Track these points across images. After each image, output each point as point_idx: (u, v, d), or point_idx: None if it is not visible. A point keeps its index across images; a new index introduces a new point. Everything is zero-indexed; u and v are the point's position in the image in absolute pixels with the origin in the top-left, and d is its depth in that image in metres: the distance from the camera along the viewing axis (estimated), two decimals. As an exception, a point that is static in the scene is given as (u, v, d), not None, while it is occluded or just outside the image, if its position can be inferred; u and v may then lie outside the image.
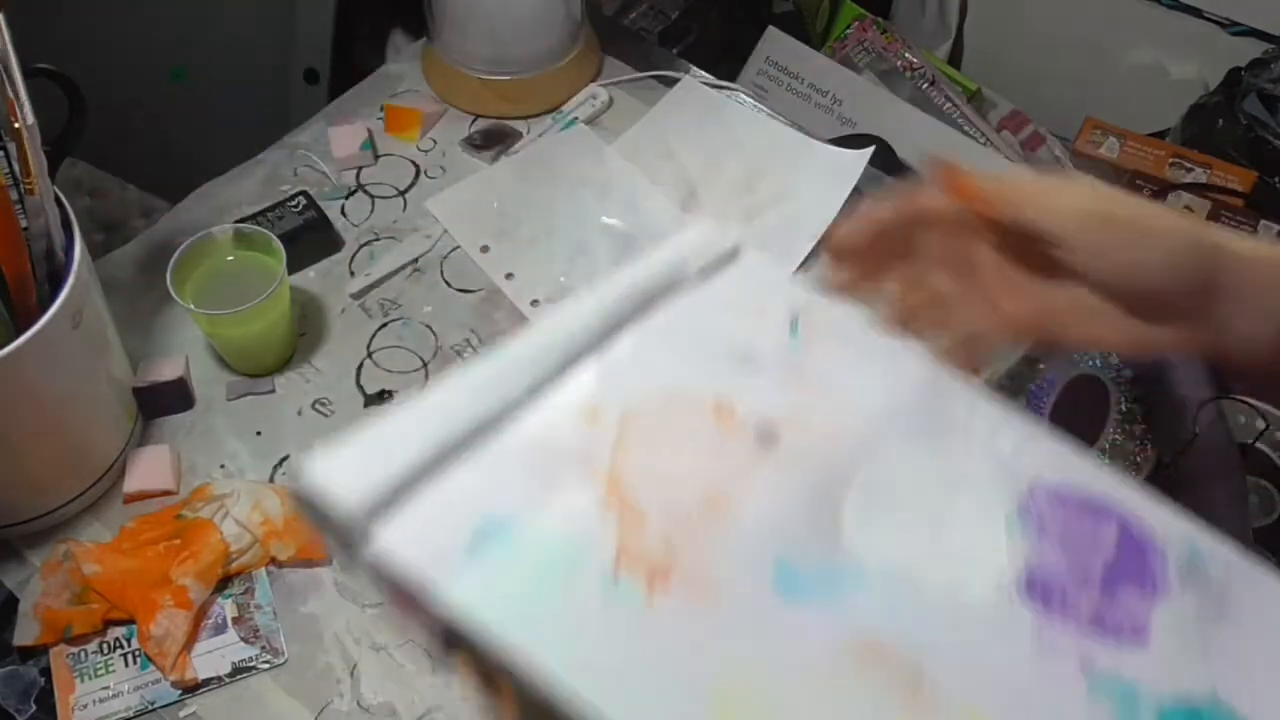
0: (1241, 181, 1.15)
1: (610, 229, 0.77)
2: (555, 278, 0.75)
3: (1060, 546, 0.31)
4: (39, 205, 0.57)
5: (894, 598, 0.29)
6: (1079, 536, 0.31)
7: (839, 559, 0.29)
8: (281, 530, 0.63)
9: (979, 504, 0.31)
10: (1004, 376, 0.71)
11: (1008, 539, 0.31)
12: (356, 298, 0.76)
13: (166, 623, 0.60)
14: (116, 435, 0.66)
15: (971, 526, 0.31)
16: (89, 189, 1.12)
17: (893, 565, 0.29)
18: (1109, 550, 0.31)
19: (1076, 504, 0.32)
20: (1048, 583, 0.30)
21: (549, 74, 0.84)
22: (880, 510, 0.31)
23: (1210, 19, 1.19)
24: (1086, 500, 0.32)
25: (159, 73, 1.04)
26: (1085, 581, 0.30)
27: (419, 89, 0.87)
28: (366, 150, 0.82)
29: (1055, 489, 0.32)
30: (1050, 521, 0.31)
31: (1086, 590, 0.30)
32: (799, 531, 0.29)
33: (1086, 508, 0.32)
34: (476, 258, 0.77)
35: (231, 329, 0.68)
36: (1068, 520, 0.31)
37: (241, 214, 0.78)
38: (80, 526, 0.65)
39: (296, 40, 0.99)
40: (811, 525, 0.30)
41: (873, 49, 1.24)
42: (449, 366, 0.72)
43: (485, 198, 0.80)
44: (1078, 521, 0.31)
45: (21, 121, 0.55)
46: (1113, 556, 0.31)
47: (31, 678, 0.61)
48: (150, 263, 0.76)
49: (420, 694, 0.60)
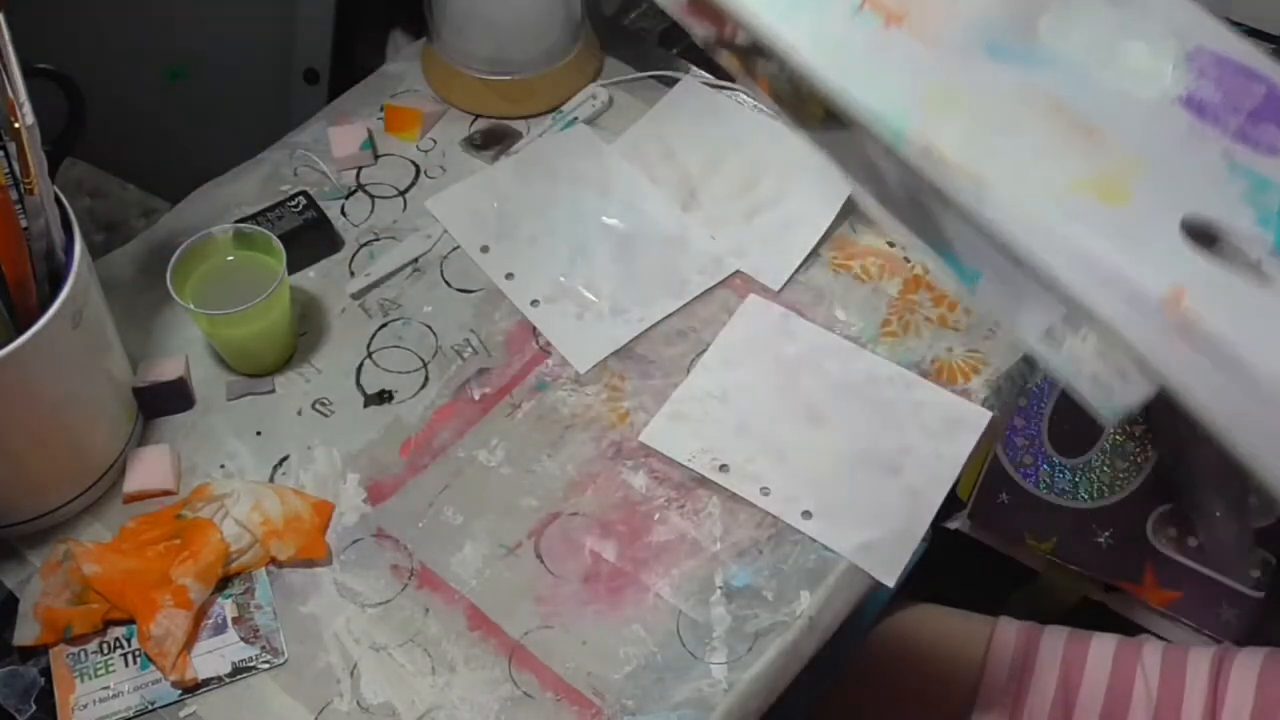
0: (1241, 181, 1.15)
1: (610, 229, 0.78)
2: (555, 278, 0.76)
3: (1216, 86, 0.37)
4: (39, 205, 0.57)
5: (1077, 81, 0.37)
6: (1233, 85, 0.38)
7: (1037, 47, 0.37)
8: (281, 530, 0.64)
9: (1150, 45, 0.38)
10: (1004, 377, 0.71)
11: (1173, 71, 0.37)
12: (356, 298, 0.76)
13: (166, 623, 0.60)
14: (116, 435, 0.66)
15: (1143, 57, 0.38)
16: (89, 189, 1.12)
17: (1077, 61, 0.37)
18: (1258, 99, 0.38)
19: (1234, 66, 0.38)
20: (1203, 102, 0.37)
21: (549, 74, 0.84)
22: (1071, 24, 0.38)
23: (1210, 19, 1.19)
24: (1242, 66, 0.38)
25: (159, 73, 1.04)
26: (1235, 110, 0.37)
27: (419, 89, 0.87)
28: (366, 150, 0.82)
29: (1217, 52, 0.38)
30: (1210, 70, 0.38)
31: (1234, 116, 0.37)
32: (1007, 24, 0.37)
33: (1241, 70, 0.38)
34: (476, 257, 0.77)
35: (231, 329, 0.68)
36: (1224, 73, 0.38)
37: (241, 214, 0.78)
38: (80, 526, 0.65)
39: (296, 40, 0.99)
40: (1016, 20, 0.37)
41: (873, 49, 1.24)
42: (449, 367, 0.72)
43: (485, 198, 0.80)
44: (1233, 76, 0.38)
45: (21, 121, 0.55)
46: (1260, 104, 0.37)
47: (31, 678, 0.61)
48: (150, 263, 0.76)
49: (420, 694, 0.60)
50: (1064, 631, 0.84)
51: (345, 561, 0.65)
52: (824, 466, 0.68)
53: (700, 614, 0.63)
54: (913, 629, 0.87)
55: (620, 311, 0.74)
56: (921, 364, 0.72)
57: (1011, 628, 0.85)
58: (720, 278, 0.76)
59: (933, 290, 0.75)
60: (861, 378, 0.71)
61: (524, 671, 0.61)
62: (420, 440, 0.69)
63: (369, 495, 0.67)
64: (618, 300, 0.74)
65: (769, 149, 0.81)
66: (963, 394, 0.70)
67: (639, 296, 0.75)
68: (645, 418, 0.70)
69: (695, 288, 0.75)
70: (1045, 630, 0.84)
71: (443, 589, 0.64)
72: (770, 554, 0.65)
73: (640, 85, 0.87)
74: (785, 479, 0.67)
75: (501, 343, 0.73)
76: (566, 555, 0.65)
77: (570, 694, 0.60)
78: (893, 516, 0.66)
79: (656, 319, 0.74)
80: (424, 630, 0.62)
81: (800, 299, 0.75)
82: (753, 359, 0.72)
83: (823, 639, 0.63)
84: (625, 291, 0.75)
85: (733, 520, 0.66)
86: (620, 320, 0.74)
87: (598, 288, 0.75)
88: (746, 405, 0.70)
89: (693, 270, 0.76)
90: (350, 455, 0.69)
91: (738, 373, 0.71)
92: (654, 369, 0.72)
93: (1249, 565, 0.94)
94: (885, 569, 0.64)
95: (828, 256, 0.77)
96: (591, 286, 0.75)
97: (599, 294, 0.75)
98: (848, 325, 0.74)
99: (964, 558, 1.00)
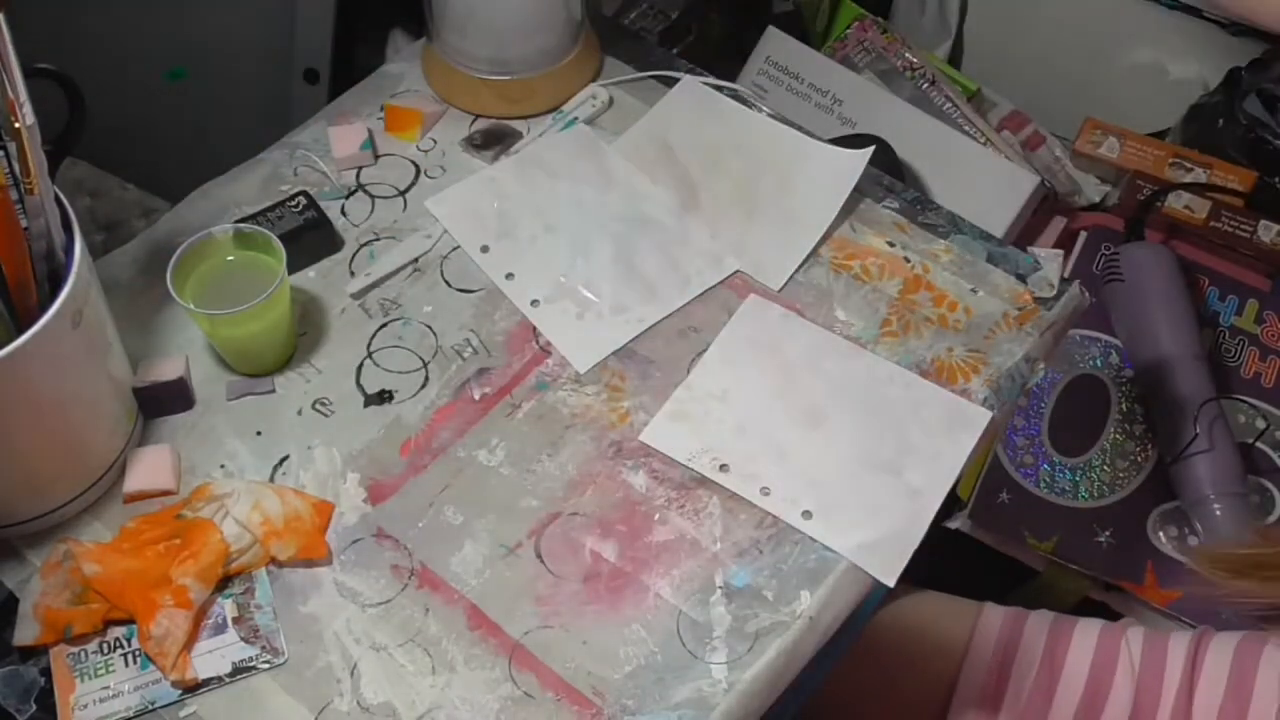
0: (1241, 181, 1.15)
1: (610, 229, 0.78)
2: (555, 277, 0.76)
3: None
4: (39, 205, 0.57)
5: None
6: None
7: None
8: (281, 530, 0.64)
9: None
10: (1004, 377, 0.72)
11: None
12: (356, 298, 0.76)
13: (166, 623, 0.60)
14: (116, 435, 0.66)
15: None
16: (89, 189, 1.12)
17: None
18: None
19: None
20: None
21: (549, 74, 0.84)
22: None
23: (1210, 19, 1.19)
24: None
25: (159, 73, 1.04)
26: None
27: (419, 89, 0.87)
28: (366, 150, 0.82)
29: None
30: None
31: None
32: None
33: None
34: (476, 257, 0.77)
35: (231, 329, 0.68)
36: None
37: (241, 214, 0.78)
38: (80, 526, 0.65)
39: (296, 40, 0.99)
40: None
41: (873, 49, 1.24)
42: (449, 367, 0.72)
43: (485, 197, 0.80)
44: None
45: (21, 121, 0.55)
46: None
47: (31, 678, 0.61)
48: (150, 263, 0.76)
49: (420, 694, 0.60)
50: (1049, 616, 0.85)
51: (345, 561, 0.65)
52: (824, 466, 0.68)
53: (700, 614, 0.63)
54: (898, 613, 0.87)
55: (620, 311, 0.74)
56: (921, 364, 0.72)
57: (997, 612, 0.85)
58: (720, 277, 0.76)
59: (933, 290, 0.75)
60: (862, 377, 0.71)
61: (524, 671, 0.61)
62: (420, 440, 0.69)
63: (369, 495, 0.67)
64: (618, 300, 0.74)
65: (769, 149, 0.81)
66: (963, 394, 0.70)
67: (639, 296, 0.75)
68: (645, 417, 0.70)
69: (695, 287, 0.75)
70: (1031, 615, 0.85)
71: (443, 589, 0.64)
72: (770, 554, 0.65)
73: (640, 85, 0.87)
74: (785, 479, 0.67)
75: (501, 343, 0.73)
76: (567, 555, 0.65)
77: (570, 694, 0.60)
78: (893, 516, 0.66)
79: (657, 318, 0.74)
80: (424, 630, 0.62)
81: (800, 299, 0.75)
82: (753, 358, 0.72)
83: (823, 639, 0.63)
84: (625, 291, 0.75)
85: (733, 520, 0.66)
86: (620, 320, 0.74)
87: (598, 287, 0.75)
88: (747, 405, 0.70)
89: (692, 270, 0.76)
90: (350, 455, 0.69)
91: (738, 372, 0.71)
92: (654, 369, 0.72)
93: (1249, 565, 0.94)
94: (885, 569, 0.64)
95: (828, 256, 0.77)
96: (592, 286, 0.75)
97: (599, 294, 0.75)
98: (848, 325, 0.74)
99: (964, 558, 1.00)
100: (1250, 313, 1.05)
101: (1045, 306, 0.75)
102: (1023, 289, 0.75)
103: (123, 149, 1.06)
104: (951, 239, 0.78)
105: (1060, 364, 1.04)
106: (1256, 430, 1.00)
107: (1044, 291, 0.75)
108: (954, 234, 0.78)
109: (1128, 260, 1.05)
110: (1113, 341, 1.04)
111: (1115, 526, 0.97)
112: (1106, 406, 1.02)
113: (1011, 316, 0.74)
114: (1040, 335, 0.73)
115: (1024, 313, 0.74)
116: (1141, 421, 1.00)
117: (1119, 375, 1.03)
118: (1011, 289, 0.75)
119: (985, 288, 0.76)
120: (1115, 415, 1.01)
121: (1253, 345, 1.03)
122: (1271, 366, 1.03)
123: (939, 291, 0.75)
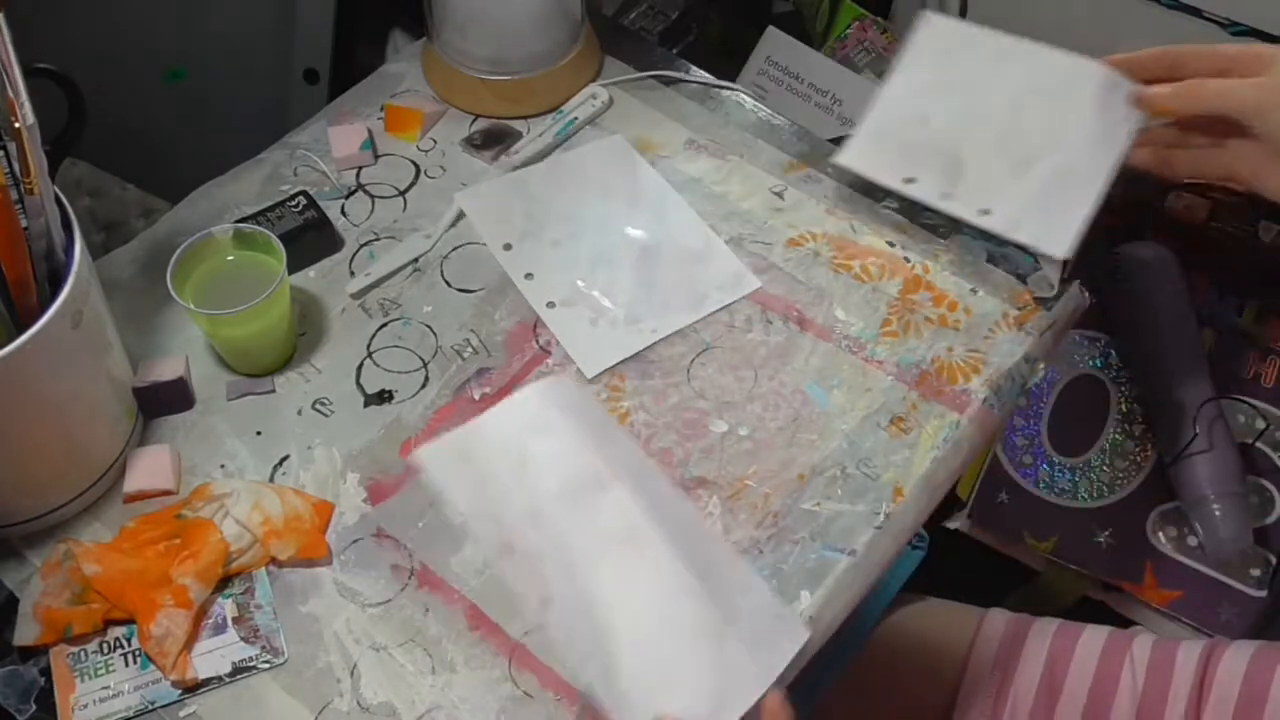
0: (1241, 181, 1.15)
1: (634, 239, 0.77)
2: (574, 281, 0.76)
3: None
4: (39, 205, 0.57)
5: None
6: None
7: None
8: (281, 530, 0.64)
9: None
10: (1004, 376, 0.72)
11: None
12: (356, 298, 0.76)
13: (166, 622, 0.60)
14: (116, 435, 0.66)
15: None
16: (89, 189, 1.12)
17: None
18: None
19: None
20: None
21: (549, 74, 0.84)
22: None
23: (1210, 19, 1.18)
24: None
25: (159, 73, 1.04)
26: None
27: (419, 89, 0.87)
28: (366, 150, 0.82)
29: None
30: None
31: None
32: None
33: None
34: (498, 254, 0.77)
35: (231, 329, 0.68)
36: None
37: (241, 214, 0.78)
38: (80, 526, 0.65)
39: (296, 40, 0.99)
40: None
41: (873, 49, 1.24)
42: (449, 366, 0.72)
43: (515, 197, 0.80)
44: None
45: (21, 121, 0.55)
46: None
47: (31, 678, 0.61)
48: (150, 263, 0.76)
49: (420, 694, 0.60)
50: (1054, 622, 0.84)
51: (345, 561, 0.65)
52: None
53: (700, 614, 0.63)
54: (900, 622, 0.87)
55: (634, 321, 0.74)
56: (922, 364, 0.72)
57: (1001, 618, 0.85)
58: (740, 295, 0.75)
59: (933, 290, 0.75)
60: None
61: (524, 671, 0.61)
62: (421, 440, 0.69)
63: (369, 495, 0.67)
64: (633, 309, 0.74)
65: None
66: (962, 394, 0.71)
67: (654, 308, 0.75)
68: (645, 417, 0.70)
69: (713, 303, 0.75)
70: (1035, 621, 0.85)
71: (443, 589, 0.64)
72: (770, 554, 0.65)
73: (640, 85, 0.87)
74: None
75: (501, 343, 0.73)
76: (566, 555, 0.65)
77: (571, 694, 0.60)
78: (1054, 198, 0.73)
79: (669, 331, 0.74)
80: (424, 630, 0.62)
81: (800, 299, 0.75)
82: (955, 77, 0.79)
83: (823, 639, 0.63)
84: (642, 302, 0.75)
85: (733, 520, 0.66)
86: (634, 329, 0.74)
87: (615, 295, 0.75)
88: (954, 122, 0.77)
89: (712, 286, 0.76)
90: (350, 455, 0.69)
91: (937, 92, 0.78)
92: (654, 369, 0.72)
93: (1249, 565, 0.94)
94: (1056, 243, 0.72)
95: (828, 256, 0.77)
96: (609, 294, 0.75)
97: (615, 301, 0.75)
98: (848, 325, 0.74)
99: (964, 558, 1.00)
100: (1250, 313, 1.05)
101: (1045, 306, 0.75)
102: (1023, 289, 0.75)
103: (123, 149, 1.06)
104: (951, 239, 0.78)
105: (1060, 364, 1.04)
106: (1256, 430, 1.00)
107: (1044, 291, 0.75)
108: (954, 234, 0.78)
109: (1128, 260, 1.05)
110: (1113, 341, 1.04)
111: (1115, 527, 0.97)
112: (1106, 406, 1.02)
113: (1011, 316, 0.74)
114: (1040, 335, 0.73)
115: (1024, 313, 0.74)
116: (1141, 422, 1.00)
117: (1119, 375, 1.03)
118: (1011, 289, 0.76)
119: (985, 288, 0.76)
120: (1115, 415, 1.01)
121: (1252, 345, 1.03)
122: (1271, 366, 1.03)
123: (939, 291, 0.75)
